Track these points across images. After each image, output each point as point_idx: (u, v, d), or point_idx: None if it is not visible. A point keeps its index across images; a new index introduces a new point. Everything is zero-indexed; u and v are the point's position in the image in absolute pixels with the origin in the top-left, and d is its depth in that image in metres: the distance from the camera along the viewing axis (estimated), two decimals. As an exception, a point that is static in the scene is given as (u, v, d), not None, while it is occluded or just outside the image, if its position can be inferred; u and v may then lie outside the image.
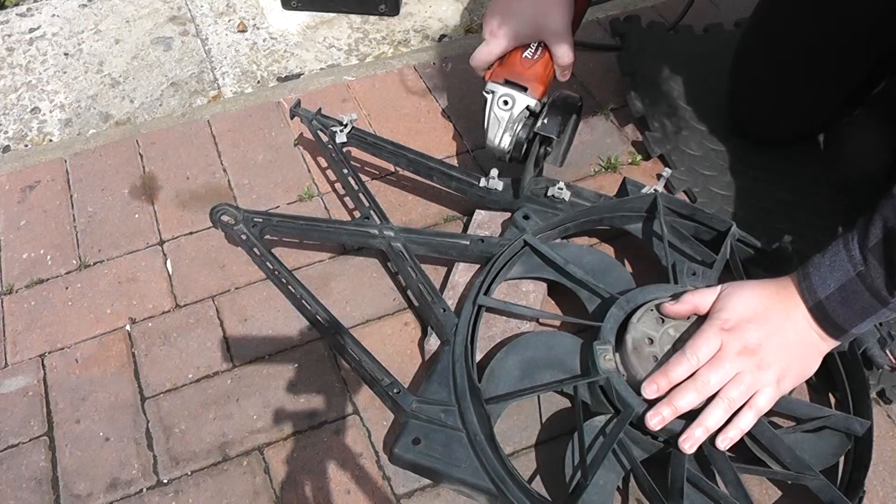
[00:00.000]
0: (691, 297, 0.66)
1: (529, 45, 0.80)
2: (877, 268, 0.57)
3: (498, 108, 0.80)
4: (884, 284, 0.57)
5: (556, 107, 0.80)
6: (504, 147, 0.82)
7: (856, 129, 0.98)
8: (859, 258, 0.58)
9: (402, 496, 0.70)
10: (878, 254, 0.57)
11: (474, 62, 0.82)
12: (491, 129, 0.82)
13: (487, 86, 0.81)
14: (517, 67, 0.80)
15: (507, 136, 0.81)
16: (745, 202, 0.92)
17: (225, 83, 1.16)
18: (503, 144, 0.82)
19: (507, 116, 0.80)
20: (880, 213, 0.57)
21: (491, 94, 0.80)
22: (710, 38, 1.13)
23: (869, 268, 0.58)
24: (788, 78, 0.92)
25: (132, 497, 0.71)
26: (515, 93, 0.79)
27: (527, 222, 0.83)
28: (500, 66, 0.81)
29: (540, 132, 0.79)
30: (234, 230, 0.83)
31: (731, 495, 0.62)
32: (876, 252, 0.57)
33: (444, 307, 0.76)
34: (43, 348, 0.82)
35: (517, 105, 0.79)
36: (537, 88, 0.79)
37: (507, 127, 0.81)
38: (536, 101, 0.80)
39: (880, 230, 0.57)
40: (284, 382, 0.79)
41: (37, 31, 1.27)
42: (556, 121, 0.79)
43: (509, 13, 0.76)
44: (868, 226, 0.58)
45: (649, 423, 0.61)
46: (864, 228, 0.58)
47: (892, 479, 0.71)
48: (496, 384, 0.70)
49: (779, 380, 0.62)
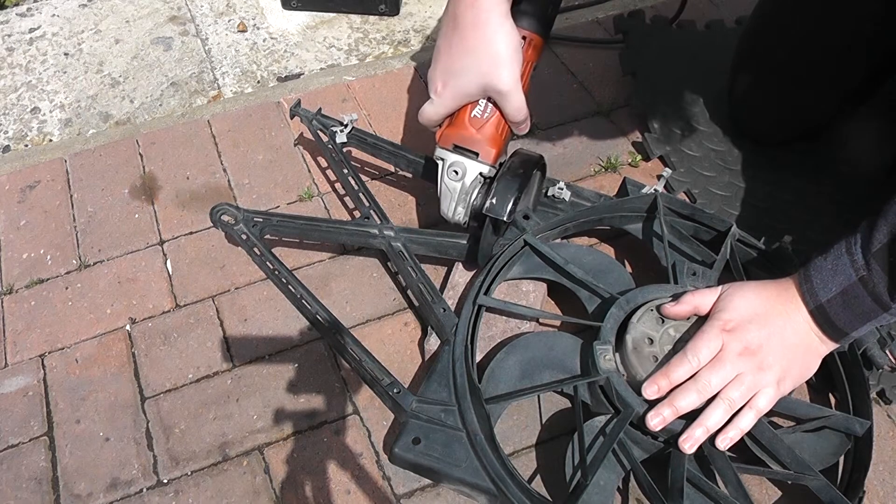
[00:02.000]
0: (691, 298, 0.66)
1: (478, 102, 0.71)
2: (880, 273, 0.57)
3: (448, 178, 0.73)
4: (886, 290, 0.57)
5: (506, 180, 0.72)
6: (459, 220, 0.76)
7: (856, 129, 0.98)
8: (862, 263, 0.58)
9: (402, 496, 0.70)
10: (882, 259, 0.57)
11: (422, 120, 0.74)
12: (443, 199, 0.75)
13: (436, 151, 0.74)
14: (466, 130, 0.72)
15: (461, 209, 0.74)
16: (745, 202, 0.92)
17: (225, 83, 1.16)
18: (457, 217, 0.75)
19: (459, 187, 0.73)
20: (885, 219, 0.57)
21: (441, 161, 0.74)
22: (711, 37, 1.13)
23: (872, 273, 0.58)
24: (787, 78, 0.92)
25: (132, 497, 0.71)
26: (465, 160, 0.72)
27: (527, 222, 0.82)
28: (448, 126, 0.73)
29: (488, 214, 0.72)
30: (234, 230, 0.83)
31: (731, 495, 0.62)
32: (879, 257, 0.57)
33: (444, 307, 0.76)
34: (43, 348, 0.82)
35: (468, 173, 0.72)
36: (489, 153, 0.72)
37: (460, 199, 0.74)
38: (489, 167, 0.73)
39: (884, 236, 0.57)
40: (284, 382, 0.79)
41: (37, 31, 1.27)
42: (506, 200, 0.71)
43: (452, 71, 0.69)
44: (872, 231, 0.58)
45: (650, 424, 0.61)
46: (868, 233, 0.58)
47: (892, 479, 0.71)
48: (496, 384, 0.70)
49: (779, 381, 0.62)
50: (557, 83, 1.10)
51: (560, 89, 1.10)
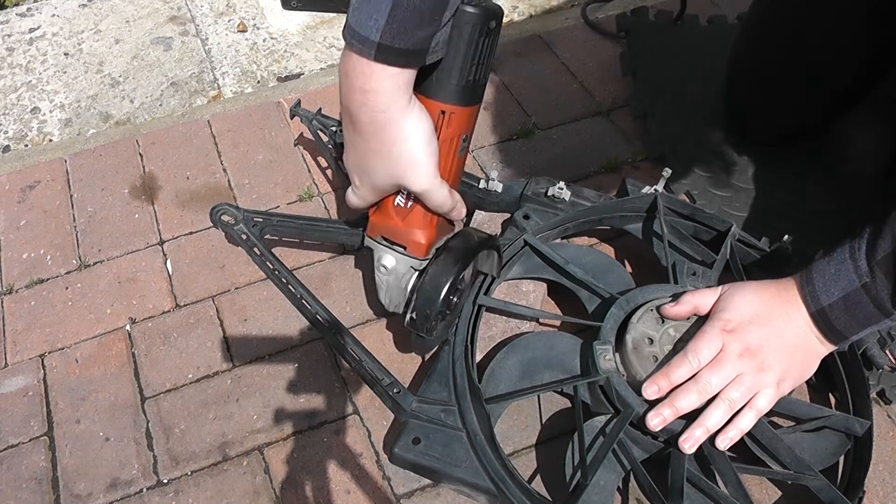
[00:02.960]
0: (691, 298, 0.66)
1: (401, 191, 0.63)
2: (883, 281, 0.57)
3: (379, 272, 0.67)
4: (888, 297, 0.57)
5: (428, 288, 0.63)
6: (399, 311, 0.69)
7: (856, 129, 0.98)
8: (866, 269, 0.58)
9: (402, 496, 0.70)
10: (886, 267, 0.57)
11: (349, 205, 0.66)
12: (379, 291, 0.69)
13: (365, 240, 0.68)
14: (391, 220, 0.65)
15: (397, 301, 0.68)
16: (744, 202, 0.92)
17: (225, 83, 1.16)
18: (396, 310, 0.69)
19: (391, 281, 0.67)
20: (890, 227, 0.57)
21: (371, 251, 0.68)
22: (712, 36, 1.13)
23: (875, 280, 0.58)
24: (782, 76, 0.92)
25: (132, 497, 0.71)
26: (393, 254, 0.66)
27: (527, 222, 0.83)
28: (375, 214, 0.66)
29: (409, 328, 0.66)
30: (234, 230, 0.83)
31: (731, 495, 0.62)
32: (883, 265, 0.57)
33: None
34: (43, 348, 0.82)
35: (398, 267, 0.66)
36: (418, 246, 0.64)
37: (395, 293, 0.68)
38: (419, 260, 0.65)
39: (889, 244, 0.57)
40: (284, 382, 0.79)
41: (37, 31, 1.27)
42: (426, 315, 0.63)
43: (363, 169, 0.61)
44: (877, 238, 0.58)
45: (650, 424, 0.62)
46: (873, 240, 0.58)
47: (892, 479, 0.71)
48: (496, 384, 0.70)
49: (779, 381, 0.62)
50: (557, 83, 1.10)
51: (560, 89, 1.10)
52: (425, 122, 0.57)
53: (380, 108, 0.55)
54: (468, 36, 0.55)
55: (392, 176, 0.60)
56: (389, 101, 0.54)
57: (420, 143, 0.57)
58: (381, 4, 0.50)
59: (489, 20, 0.55)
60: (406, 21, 0.51)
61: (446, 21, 0.53)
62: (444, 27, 0.53)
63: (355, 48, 0.52)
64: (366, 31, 0.51)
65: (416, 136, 0.57)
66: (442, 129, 0.60)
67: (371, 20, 0.51)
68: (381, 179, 0.61)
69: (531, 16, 1.27)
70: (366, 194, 0.63)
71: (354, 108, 0.56)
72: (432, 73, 0.57)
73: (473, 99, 0.60)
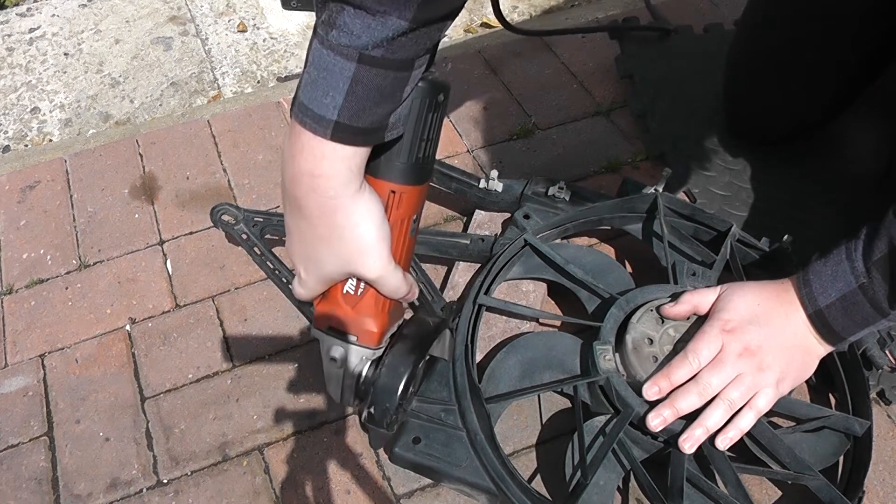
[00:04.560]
0: (691, 298, 0.66)
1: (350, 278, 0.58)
2: (880, 282, 0.57)
3: (327, 365, 0.62)
4: (885, 298, 0.57)
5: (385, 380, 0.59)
6: (351, 405, 0.66)
7: (855, 128, 0.98)
8: (862, 271, 0.58)
9: (402, 496, 0.71)
10: (882, 268, 0.57)
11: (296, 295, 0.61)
12: (328, 384, 0.64)
13: (312, 331, 0.63)
14: (339, 309, 0.59)
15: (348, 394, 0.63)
16: (744, 202, 0.92)
17: (225, 83, 1.16)
18: (347, 403, 0.64)
19: (341, 374, 0.62)
20: (887, 229, 0.57)
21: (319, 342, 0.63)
22: (709, 38, 1.13)
23: (872, 281, 0.58)
24: (778, 75, 0.92)
25: (132, 497, 0.71)
26: (343, 345, 0.60)
27: (527, 222, 0.83)
28: (321, 303, 0.60)
29: (367, 424, 0.61)
30: (234, 230, 0.83)
31: (731, 495, 0.62)
32: (880, 266, 0.57)
33: (444, 306, 0.76)
34: (43, 348, 0.82)
35: (350, 359, 0.61)
36: (370, 335, 0.59)
37: (346, 385, 0.62)
38: (371, 350, 0.60)
39: (886, 245, 0.57)
40: (284, 382, 0.79)
41: (37, 31, 1.27)
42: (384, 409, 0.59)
43: (311, 258, 0.56)
44: (874, 239, 0.58)
45: (650, 424, 0.62)
46: (869, 242, 0.58)
47: (891, 479, 0.71)
48: (496, 384, 0.70)
49: (778, 381, 0.62)
50: (557, 83, 1.10)
51: (560, 89, 1.10)
52: (377, 206, 0.53)
53: (330, 193, 0.50)
54: (417, 111, 0.52)
55: (343, 264, 0.55)
56: (340, 186, 0.50)
57: (372, 227, 0.53)
58: (338, 81, 0.46)
59: (437, 94, 0.51)
60: (366, 98, 0.47)
61: (406, 96, 0.49)
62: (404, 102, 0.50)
63: (308, 126, 0.47)
64: (321, 110, 0.47)
65: (367, 220, 0.52)
66: (392, 210, 0.55)
67: (327, 97, 0.47)
68: (331, 268, 0.56)
69: (531, 16, 1.27)
70: (313, 285, 0.58)
71: (301, 193, 0.51)
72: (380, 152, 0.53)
73: (423, 177, 0.56)
